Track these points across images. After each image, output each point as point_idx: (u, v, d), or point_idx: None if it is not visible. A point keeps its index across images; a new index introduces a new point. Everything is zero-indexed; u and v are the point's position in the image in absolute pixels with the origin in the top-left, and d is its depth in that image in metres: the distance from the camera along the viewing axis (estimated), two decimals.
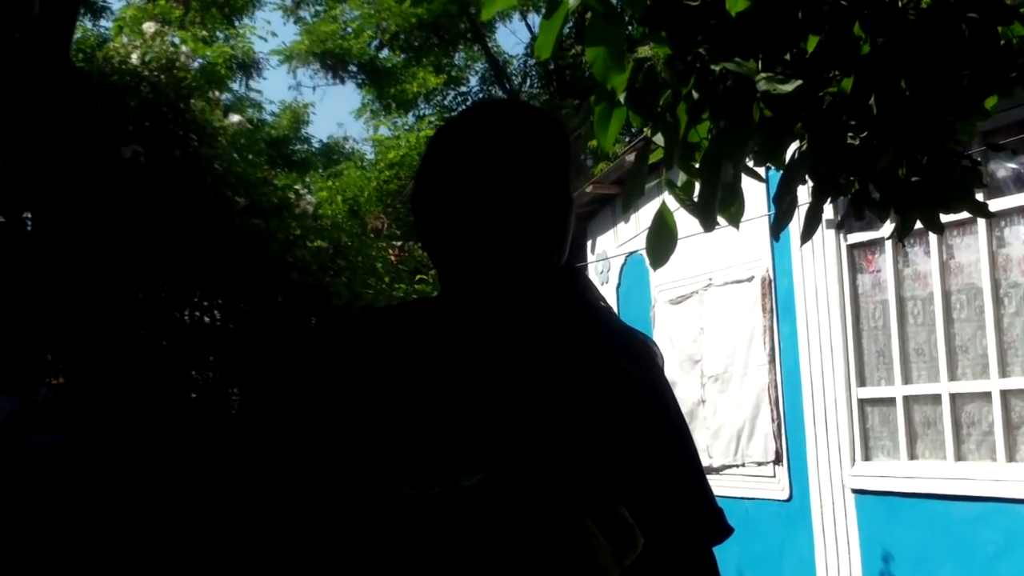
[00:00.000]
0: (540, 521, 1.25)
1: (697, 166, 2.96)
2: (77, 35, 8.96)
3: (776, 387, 8.27)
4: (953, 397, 6.92)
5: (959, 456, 6.91)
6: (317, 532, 1.44)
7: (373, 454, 1.54)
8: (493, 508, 1.26)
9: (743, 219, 3.07)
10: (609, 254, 10.32)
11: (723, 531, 1.76)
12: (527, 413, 1.57)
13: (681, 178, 3.07)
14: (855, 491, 7.57)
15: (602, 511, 1.29)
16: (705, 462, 8.62)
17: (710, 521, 1.76)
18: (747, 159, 2.90)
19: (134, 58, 7.82)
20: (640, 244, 8.12)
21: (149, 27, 8.25)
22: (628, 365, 1.68)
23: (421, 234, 1.72)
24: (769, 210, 6.35)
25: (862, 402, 7.62)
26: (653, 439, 1.67)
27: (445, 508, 1.27)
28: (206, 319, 8.02)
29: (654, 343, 1.78)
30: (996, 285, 6.69)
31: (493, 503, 1.26)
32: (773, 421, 8.26)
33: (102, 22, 19.63)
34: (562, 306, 1.70)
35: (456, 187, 1.62)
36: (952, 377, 6.93)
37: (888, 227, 3.33)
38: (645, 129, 3.01)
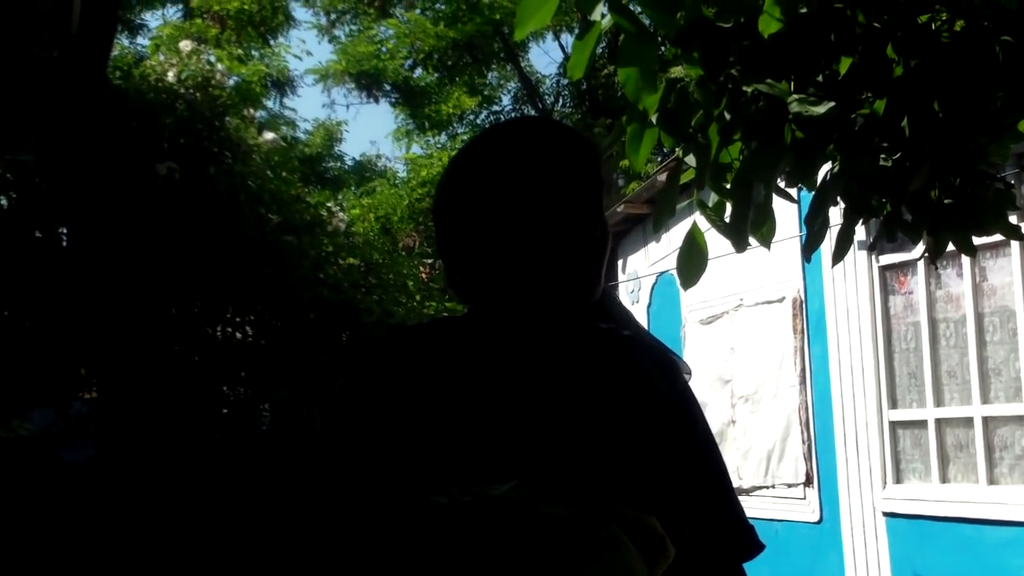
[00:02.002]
0: (571, 529, 1.26)
1: (728, 187, 2.96)
2: (114, 53, 9.04)
3: (807, 408, 8.23)
4: (986, 420, 6.87)
5: (992, 480, 6.85)
6: (347, 544, 1.44)
7: (402, 467, 1.54)
8: (524, 516, 1.27)
9: (774, 240, 3.06)
10: (640, 274, 10.31)
11: (755, 547, 1.76)
12: (555, 426, 1.57)
13: (712, 198, 3.07)
14: (886, 514, 7.53)
15: (631, 521, 1.30)
16: (735, 483, 8.57)
17: (741, 537, 1.75)
18: (779, 180, 2.91)
19: (170, 76, 7.90)
20: (671, 264, 8.12)
21: (185, 45, 8.33)
22: (655, 380, 1.69)
23: (442, 252, 1.68)
24: (801, 231, 6.33)
25: (893, 424, 7.58)
26: (681, 454, 1.67)
27: (476, 516, 1.27)
28: (238, 335, 8.06)
29: (681, 359, 1.78)
30: None
31: (524, 511, 1.27)
32: (804, 442, 8.23)
33: (139, 40, 19.88)
34: (590, 321, 1.70)
35: (480, 209, 1.59)
36: (985, 400, 6.88)
37: (920, 249, 3.32)
38: (677, 149, 3.02)
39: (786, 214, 3.49)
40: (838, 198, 3.00)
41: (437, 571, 1.26)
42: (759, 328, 8.72)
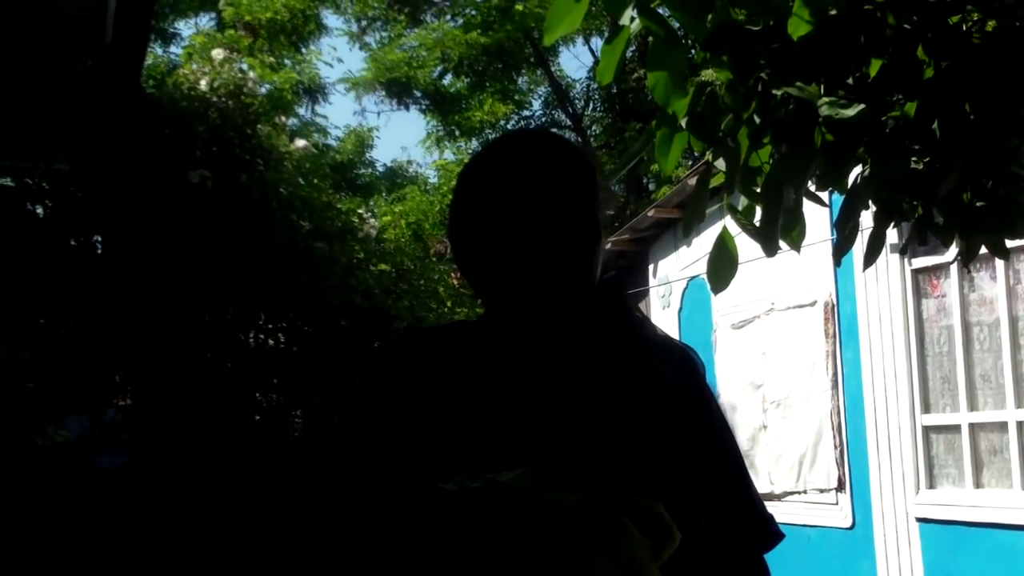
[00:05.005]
0: (577, 516, 1.28)
1: (759, 190, 2.96)
2: (148, 62, 9.10)
3: (839, 413, 8.20)
4: (1020, 425, 6.82)
5: None
6: (359, 533, 1.46)
7: (415, 458, 1.60)
8: (531, 502, 1.28)
9: (805, 243, 3.06)
10: (671, 278, 10.30)
11: (773, 537, 1.79)
12: (564, 418, 1.62)
13: (742, 202, 3.07)
14: (919, 520, 7.48)
15: (638, 508, 1.31)
16: (767, 488, 8.57)
17: (758, 528, 1.78)
18: (809, 183, 2.90)
19: (203, 84, 7.94)
20: (702, 268, 8.11)
21: (218, 54, 8.38)
22: (668, 373, 1.72)
23: (459, 263, 1.78)
24: (832, 234, 6.31)
25: (927, 429, 7.54)
26: (695, 445, 1.70)
27: (484, 502, 1.29)
28: (270, 342, 8.09)
29: (694, 352, 1.82)
30: None
31: (531, 498, 1.29)
32: (836, 447, 8.19)
33: (172, 49, 20.05)
34: (600, 319, 1.75)
35: (486, 218, 1.69)
36: (1019, 404, 6.83)
37: (953, 252, 3.31)
38: (706, 153, 3.02)
39: (817, 217, 3.48)
40: (869, 201, 2.99)
41: (446, 557, 1.27)
42: (791, 332, 8.69)
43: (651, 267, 10.71)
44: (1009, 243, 3.10)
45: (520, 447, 1.57)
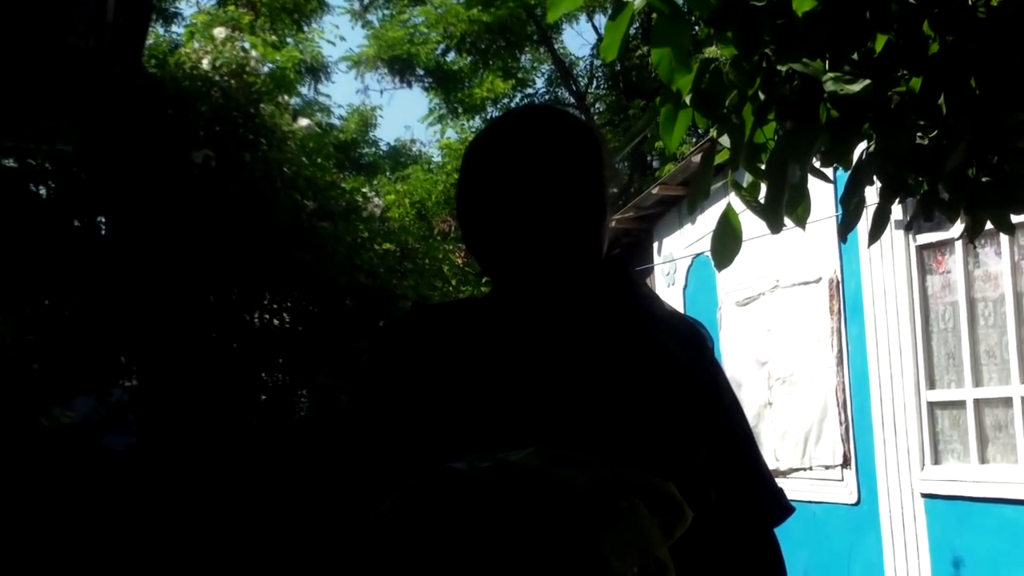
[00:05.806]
0: (587, 495, 1.27)
1: (763, 167, 2.96)
2: (149, 41, 9.09)
3: (844, 390, 8.20)
4: None
5: None
6: (367, 512, 1.46)
7: (423, 436, 1.60)
8: (541, 481, 1.28)
9: (810, 220, 3.05)
10: (675, 256, 10.29)
11: (783, 511, 1.79)
12: (573, 394, 1.61)
13: (747, 179, 3.07)
14: (924, 495, 7.49)
15: (648, 486, 1.31)
16: (772, 465, 8.57)
17: (769, 502, 1.78)
18: (814, 160, 2.90)
19: (205, 63, 7.92)
20: (706, 246, 8.11)
21: (220, 33, 8.35)
22: (676, 348, 1.72)
23: (466, 239, 1.78)
24: (837, 211, 6.30)
25: (931, 405, 7.53)
26: (705, 419, 1.69)
27: (494, 482, 1.29)
28: (275, 322, 8.09)
29: (703, 327, 1.82)
30: None
31: (541, 477, 1.29)
32: (841, 424, 8.20)
33: (174, 28, 20.00)
34: (608, 294, 1.74)
35: (492, 194, 1.69)
36: None
37: (958, 228, 3.30)
38: (711, 130, 3.01)
39: (821, 194, 3.48)
40: (874, 177, 2.98)
41: (455, 537, 1.27)
42: (795, 309, 8.68)
43: (656, 245, 10.70)
44: (1015, 218, 3.10)
45: (530, 425, 1.57)
